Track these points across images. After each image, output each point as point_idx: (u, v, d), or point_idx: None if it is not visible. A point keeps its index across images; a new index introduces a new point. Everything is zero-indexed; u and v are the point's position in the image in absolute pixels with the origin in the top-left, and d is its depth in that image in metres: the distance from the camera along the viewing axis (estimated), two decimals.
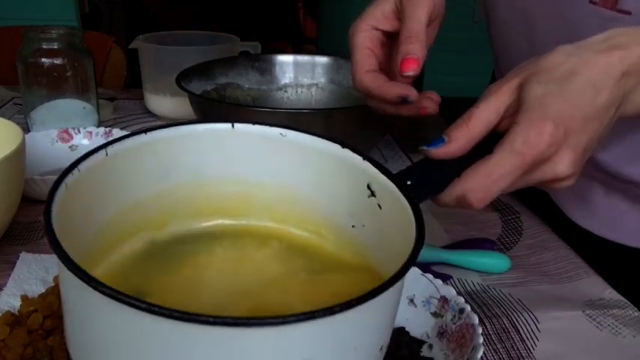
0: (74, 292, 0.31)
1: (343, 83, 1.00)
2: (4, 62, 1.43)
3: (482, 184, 0.43)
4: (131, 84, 1.46)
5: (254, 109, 0.78)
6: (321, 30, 3.63)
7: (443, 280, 0.52)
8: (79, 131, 0.86)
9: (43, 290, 0.55)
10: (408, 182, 0.40)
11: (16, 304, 0.54)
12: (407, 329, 0.51)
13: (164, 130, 0.41)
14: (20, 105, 1.11)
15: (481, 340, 0.45)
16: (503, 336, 0.54)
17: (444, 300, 0.51)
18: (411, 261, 0.32)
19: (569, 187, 0.45)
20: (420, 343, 0.50)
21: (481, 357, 0.44)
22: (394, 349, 0.48)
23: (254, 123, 0.43)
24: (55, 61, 0.92)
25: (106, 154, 0.38)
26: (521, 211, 0.77)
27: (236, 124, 0.42)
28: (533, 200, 0.79)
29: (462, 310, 0.49)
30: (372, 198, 0.39)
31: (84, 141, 0.86)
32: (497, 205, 0.79)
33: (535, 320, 0.56)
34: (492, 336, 0.54)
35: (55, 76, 0.93)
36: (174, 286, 0.39)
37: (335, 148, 0.41)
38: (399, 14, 0.54)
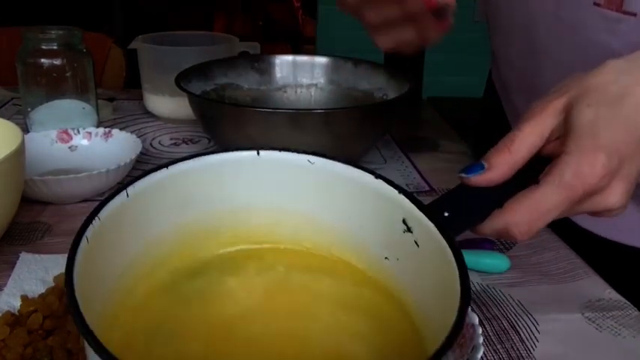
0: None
1: (342, 83, 1.00)
2: (4, 62, 1.43)
3: (528, 218, 0.40)
4: (130, 84, 1.46)
5: (253, 109, 0.78)
6: (320, 30, 3.63)
7: None
8: (79, 132, 0.86)
9: (43, 290, 0.55)
10: (445, 214, 0.38)
11: (16, 304, 0.54)
12: None
13: (186, 162, 0.40)
14: (19, 105, 1.11)
15: (481, 340, 0.45)
16: (503, 337, 0.54)
17: None
18: (458, 329, 0.28)
19: None
20: None
21: (481, 357, 0.44)
22: None
23: (280, 150, 0.41)
24: (55, 62, 0.92)
25: (127, 196, 0.37)
26: None
27: (261, 152, 0.41)
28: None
29: None
30: (409, 234, 0.37)
31: (83, 141, 0.86)
32: None
33: (535, 322, 0.56)
34: (492, 337, 0.54)
35: (54, 76, 0.93)
36: (196, 324, 0.38)
37: (368, 178, 0.39)
38: None
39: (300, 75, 0.99)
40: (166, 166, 0.39)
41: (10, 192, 0.60)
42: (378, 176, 0.39)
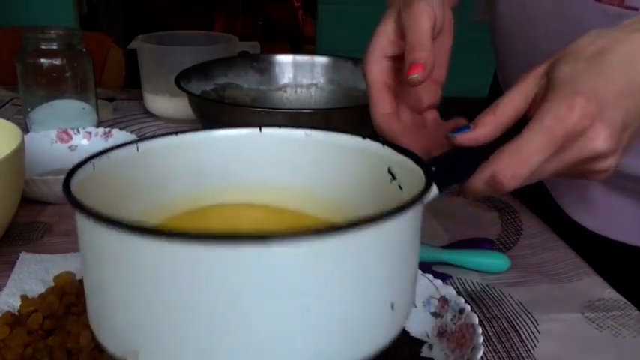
0: (86, 233, 0.32)
1: (342, 83, 1.00)
2: (4, 62, 1.43)
3: (512, 162, 0.40)
4: (130, 84, 1.46)
5: (253, 109, 0.78)
6: (320, 30, 3.63)
7: (443, 280, 0.52)
8: (79, 131, 0.86)
9: (43, 290, 0.55)
10: (433, 168, 0.38)
11: (16, 304, 0.54)
12: (407, 329, 0.51)
13: (195, 133, 0.42)
14: (19, 105, 1.11)
15: (481, 340, 0.45)
16: (503, 336, 0.54)
17: (443, 300, 0.51)
18: (428, 185, 0.33)
19: (570, 186, 0.44)
20: (420, 343, 0.50)
21: (481, 357, 0.44)
22: (394, 349, 0.48)
23: (280, 126, 0.44)
24: (54, 62, 0.92)
25: (137, 150, 0.39)
26: (520, 211, 0.77)
27: (263, 128, 0.44)
28: (533, 200, 0.79)
29: (461, 310, 0.49)
30: (394, 182, 0.39)
31: (83, 141, 0.86)
32: (496, 204, 0.79)
33: (535, 322, 0.56)
34: (492, 336, 0.54)
35: (54, 76, 0.93)
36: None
37: (358, 140, 0.41)
38: (403, 32, 0.50)
39: (300, 75, 0.99)
40: (175, 133, 0.41)
41: (10, 192, 0.60)
42: (365, 137, 0.41)
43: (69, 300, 0.53)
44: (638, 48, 0.41)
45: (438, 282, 0.52)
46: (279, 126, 0.44)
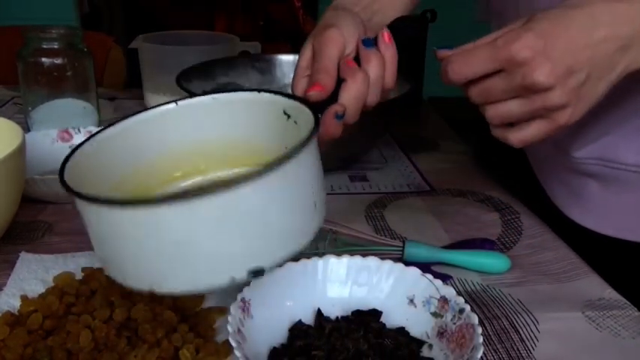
0: (85, 211, 0.43)
1: None
2: (4, 62, 1.43)
3: (459, 59, 0.49)
4: (131, 84, 1.46)
5: None
6: None
7: (443, 280, 0.52)
8: (79, 131, 0.86)
9: (43, 290, 0.55)
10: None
11: (16, 304, 0.54)
12: (407, 329, 0.51)
13: (128, 119, 0.52)
14: (20, 105, 1.11)
15: (481, 340, 0.45)
16: (503, 336, 0.54)
17: (443, 300, 0.51)
18: (316, 117, 0.44)
19: (565, 184, 0.45)
20: (420, 343, 0.50)
21: (481, 357, 0.44)
22: (394, 349, 0.48)
23: (191, 96, 0.53)
24: (55, 61, 0.92)
25: (116, 128, 0.52)
26: (521, 211, 0.77)
27: (179, 102, 0.52)
28: (533, 199, 0.79)
29: (461, 310, 0.49)
30: (290, 119, 0.49)
31: None
32: (497, 205, 0.79)
33: (535, 321, 0.56)
34: (492, 336, 0.54)
35: (55, 75, 0.93)
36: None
37: (257, 95, 0.51)
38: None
39: None
40: (114, 123, 0.52)
41: (10, 191, 0.60)
42: (260, 91, 0.51)
43: (69, 300, 0.53)
44: (605, 9, 0.46)
45: (438, 282, 0.52)
46: (191, 96, 0.53)
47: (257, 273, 0.41)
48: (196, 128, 0.53)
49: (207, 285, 0.42)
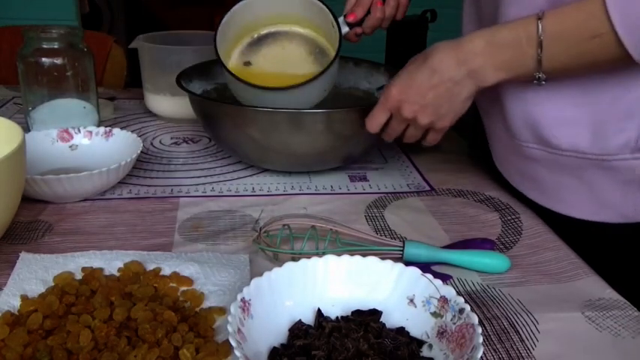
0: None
1: (343, 83, 1.00)
2: (4, 62, 1.43)
3: (368, 118, 0.75)
4: (131, 84, 1.46)
5: (254, 109, 0.78)
6: None
7: (443, 280, 0.52)
8: (79, 131, 0.86)
9: (43, 290, 0.55)
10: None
11: (16, 304, 0.54)
12: (407, 329, 0.51)
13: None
14: (20, 104, 1.11)
15: (481, 340, 0.45)
16: (503, 336, 0.54)
17: (443, 300, 0.51)
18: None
19: (521, 172, 0.67)
20: (420, 343, 0.50)
21: (481, 357, 0.44)
22: (394, 349, 0.48)
23: None
24: (56, 61, 0.92)
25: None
26: (521, 211, 0.77)
27: None
28: (530, 203, 0.79)
29: (461, 310, 0.49)
30: (334, 26, 0.83)
31: (84, 140, 0.86)
32: (497, 205, 0.79)
33: (535, 321, 0.56)
34: (492, 336, 0.54)
35: (55, 75, 0.93)
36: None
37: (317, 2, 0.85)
38: None
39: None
40: None
41: (10, 191, 0.60)
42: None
43: (69, 300, 0.53)
44: (438, 63, 0.67)
45: (438, 282, 0.52)
46: None
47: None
48: (279, 7, 0.87)
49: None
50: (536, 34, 0.61)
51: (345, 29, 0.85)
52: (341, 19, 0.84)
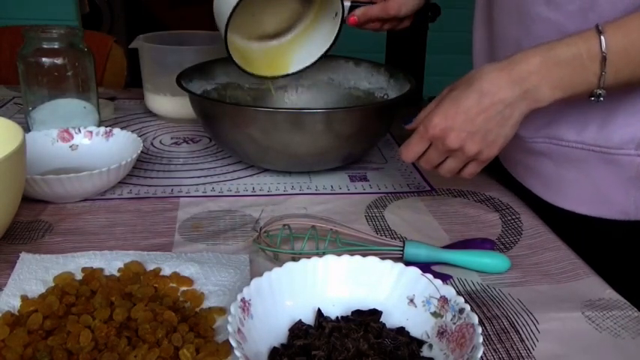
0: None
1: (343, 83, 1.00)
2: (4, 62, 1.43)
3: (404, 148, 0.70)
4: (131, 84, 1.46)
5: (254, 109, 0.78)
6: None
7: (443, 280, 0.52)
8: (80, 131, 0.86)
9: (43, 290, 0.55)
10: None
11: (16, 304, 0.54)
12: (407, 329, 0.51)
13: None
14: (21, 104, 1.11)
15: (481, 339, 0.45)
16: (503, 336, 0.54)
17: (443, 300, 0.51)
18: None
19: (524, 165, 0.66)
20: (420, 343, 0.50)
21: (481, 357, 0.44)
22: (394, 349, 0.48)
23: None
24: (56, 61, 0.92)
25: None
26: (521, 212, 0.77)
27: None
28: (533, 199, 0.79)
29: (461, 310, 0.49)
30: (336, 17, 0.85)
31: (84, 140, 0.86)
32: (497, 205, 0.79)
33: (535, 321, 0.56)
34: (492, 336, 0.54)
35: (55, 75, 0.93)
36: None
37: None
38: None
39: (301, 74, 0.98)
40: None
41: (10, 191, 0.60)
42: None
43: (69, 300, 0.53)
44: (487, 85, 0.62)
45: (438, 282, 0.52)
46: None
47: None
48: None
49: None
50: (599, 49, 0.57)
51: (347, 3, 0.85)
52: None
